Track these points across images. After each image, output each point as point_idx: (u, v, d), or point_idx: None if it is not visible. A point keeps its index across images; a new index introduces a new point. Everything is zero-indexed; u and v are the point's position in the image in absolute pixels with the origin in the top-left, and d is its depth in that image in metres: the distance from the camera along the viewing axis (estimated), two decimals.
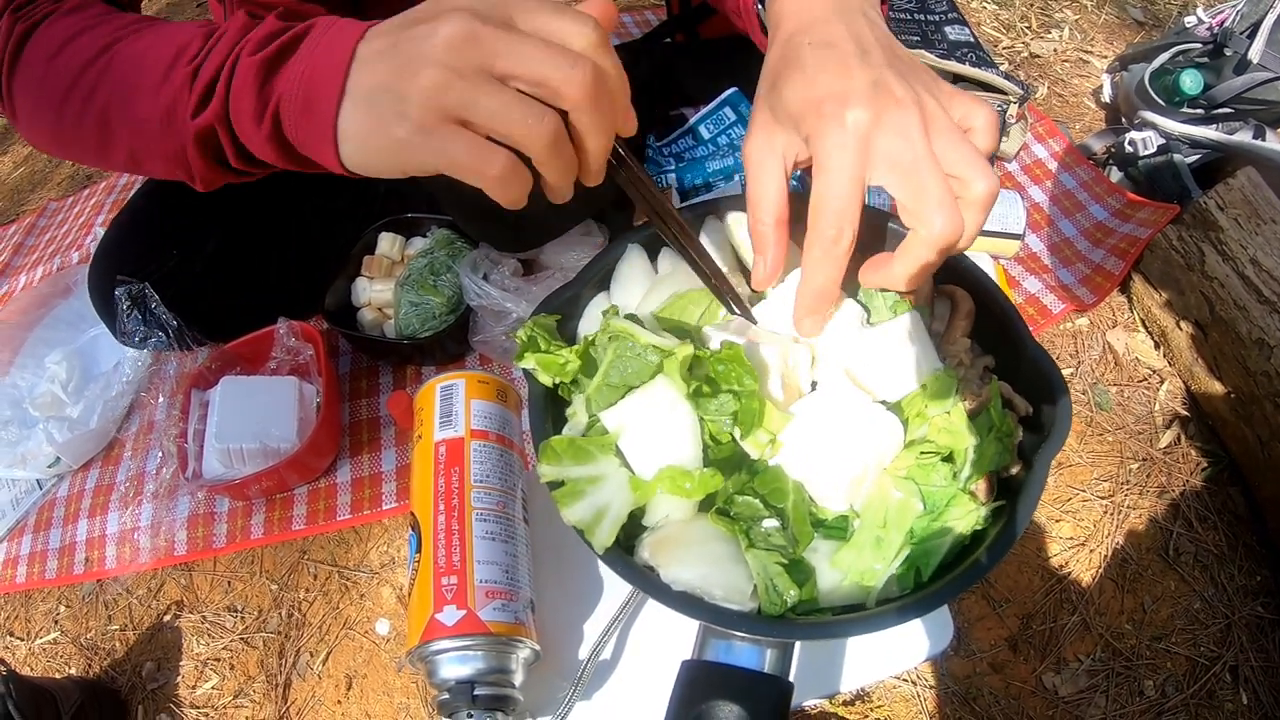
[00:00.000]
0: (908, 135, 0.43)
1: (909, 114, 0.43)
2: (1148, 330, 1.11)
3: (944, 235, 0.43)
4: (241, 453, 0.98)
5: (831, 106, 0.44)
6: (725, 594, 0.44)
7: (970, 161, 0.43)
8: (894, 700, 0.82)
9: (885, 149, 0.43)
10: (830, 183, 0.44)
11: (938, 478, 0.47)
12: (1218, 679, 0.83)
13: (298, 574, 1.00)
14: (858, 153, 0.43)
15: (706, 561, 0.45)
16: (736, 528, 0.45)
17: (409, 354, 1.12)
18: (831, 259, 0.45)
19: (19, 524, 1.14)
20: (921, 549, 0.46)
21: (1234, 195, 1.05)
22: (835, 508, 0.47)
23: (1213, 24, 1.26)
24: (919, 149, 0.42)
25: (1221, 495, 0.95)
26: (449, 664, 0.59)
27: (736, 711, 0.43)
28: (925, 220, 0.43)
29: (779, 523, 0.45)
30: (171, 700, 0.94)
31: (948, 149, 0.43)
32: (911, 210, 0.43)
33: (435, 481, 0.65)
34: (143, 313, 1.05)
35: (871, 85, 0.44)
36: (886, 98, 0.43)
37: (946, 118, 0.44)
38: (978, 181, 0.43)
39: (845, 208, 0.43)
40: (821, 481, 0.46)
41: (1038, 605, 0.88)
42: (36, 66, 0.61)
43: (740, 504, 0.46)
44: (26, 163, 1.97)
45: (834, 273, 0.46)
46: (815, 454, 0.46)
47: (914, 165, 0.42)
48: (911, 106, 0.43)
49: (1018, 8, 1.65)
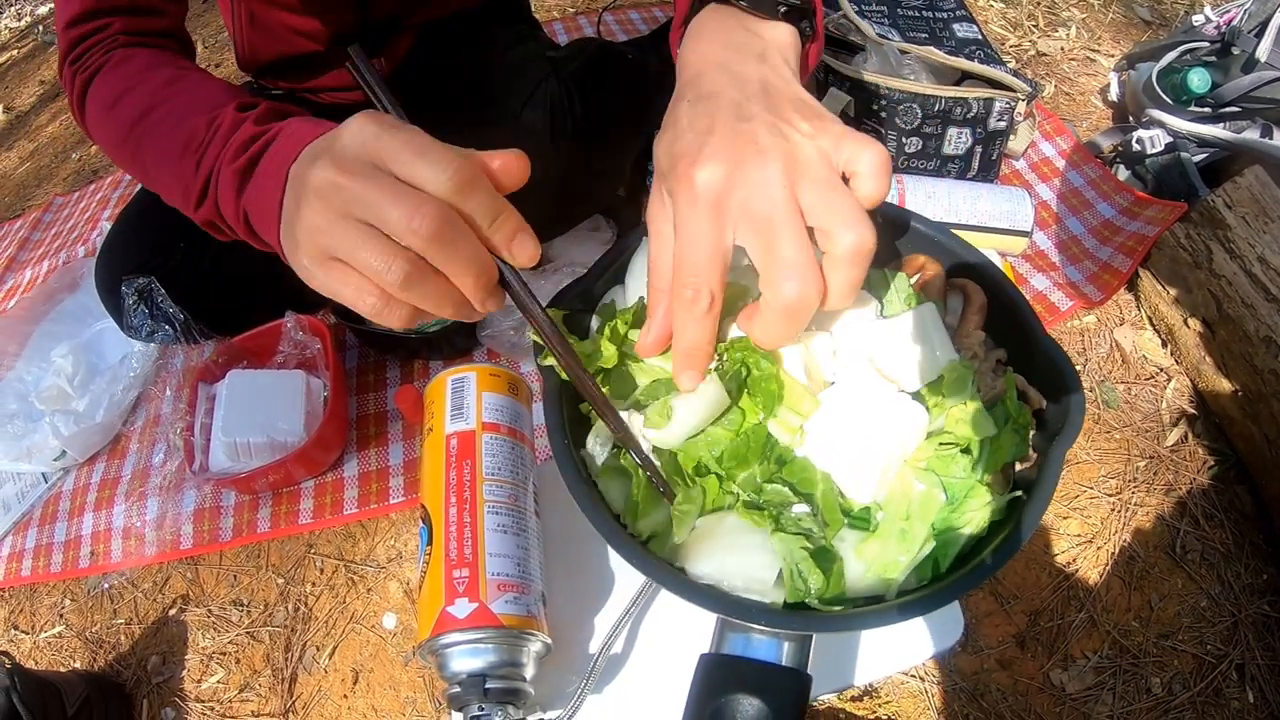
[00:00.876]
0: (766, 189, 0.40)
1: (770, 165, 0.40)
2: (1155, 328, 1.11)
3: (793, 301, 0.40)
4: (248, 446, 0.98)
5: (684, 166, 0.42)
6: (746, 584, 0.44)
7: (838, 212, 0.40)
8: (902, 696, 0.82)
9: (741, 205, 0.41)
10: (684, 246, 0.42)
11: (957, 469, 0.47)
12: (1224, 677, 0.83)
13: (304, 568, 1.00)
14: (710, 212, 0.41)
15: (729, 552, 0.45)
16: (765, 515, 0.45)
17: (416, 348, 1.12)
18: (693, 320, 0.43)
19: (24, 517, 1.14)
20: (941, 541, 0.46)
21: (1242, 193, 1.05)
22: (862, 499, 0.47)
23: (1220, 23, 1.26)
24: (778, 203, 0.40)
25: (1228, 493, 0.95)
26: (460, 657, 0.59)
27: (757, 705, 0.43)
28: (772, 285, 0.40)
29: (809, 508, 0.45)
30: (177, 694, 0.94)
31: (814, 198, 0.40)
32: (762, 272, 0.41)
33: (447, 474, 0.64)
34: (149, 307, 1.05)
35: (732, 136, 0.42)
36: (747, 148, 0.41)
37: (822, 164, 0.41)
38: (844, 234, 0.39)
39: (701, 270, 0.42)
40: (849, 472, 0.46)
41: (1045, 602, 0.88)
42: (97, 114, 0.74)
43: (769, 492, 0.46)
44: (32, 158, 1.97)
45: (699, 333, 0.44)
46: (843, 444, 0.46)
47: (768, 222, 0.40)
48: (774, 157, 0.41)
49: (1024, 6, 1.65)
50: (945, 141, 1.15)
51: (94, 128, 0.75)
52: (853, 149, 0.42)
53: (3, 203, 1.86)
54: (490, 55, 1.10)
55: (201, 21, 2.27)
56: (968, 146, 1.16)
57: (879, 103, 1.13)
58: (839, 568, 0.46)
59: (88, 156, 1.88)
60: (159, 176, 0.67)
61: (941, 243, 0.59)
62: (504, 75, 1.07)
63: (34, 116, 2.16)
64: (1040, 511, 0.45)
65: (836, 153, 0.42)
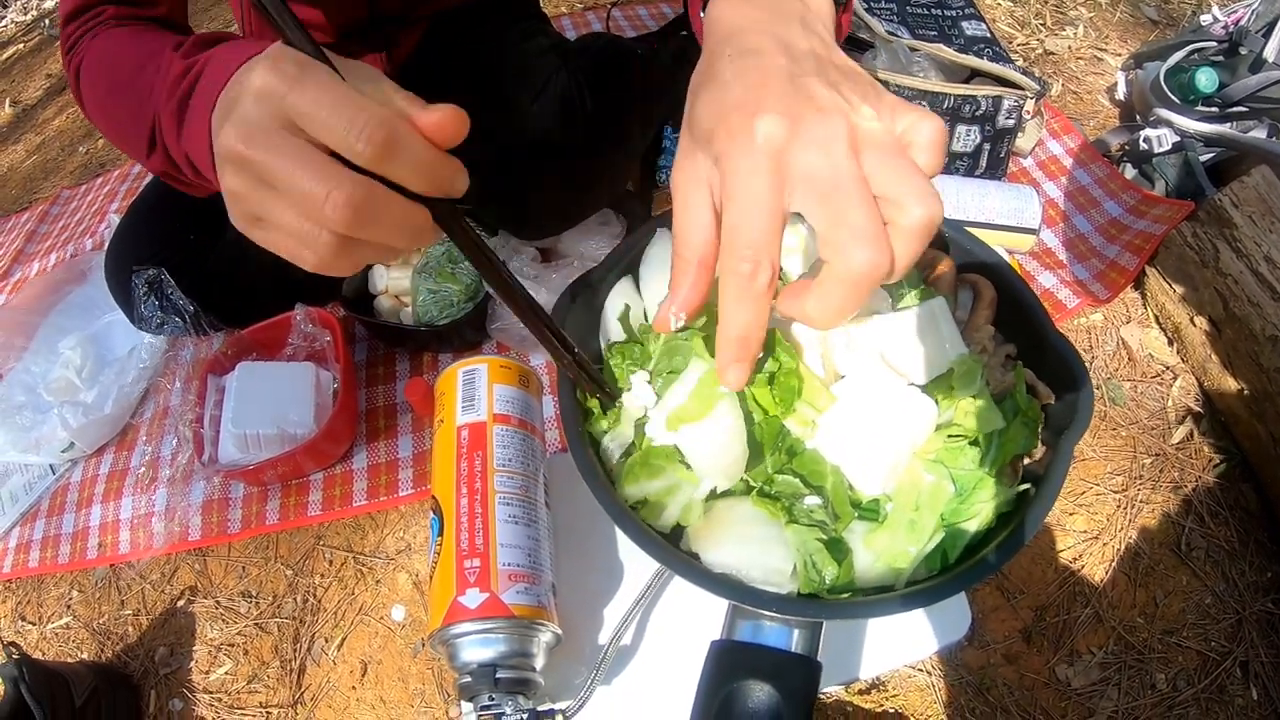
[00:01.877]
0: (830, 149, 0.36)
1: (833, 123, 0.37)
2: (1161, 326, 1.11)
3: (863, 272, 0.36)
4: (258, 438, 0.98)
5: (739, 119, 0.38)
6: (764, 575, 0.45)
7: (906, 181, 0.36)
8: (909, 690, 0.82)
9: (802, 166, 0.37)
10: (740, 211, 0.38)
11: (965, 461, 0.48)
12: (1228, 674, 0.84)
13: (313, 560, 1.00)
14: (771, 173, 0.37)
15: (747, 544, 0.45)
16: (778, 506, 0.45)
17: (426, 341, 1.12)
18: (750, 299, 0.38)
19: (32, 509, 1.15)
20: (950, 532, 0.47)
21: (1249, 193, 1.05)
22: (871, 491, 0.47)
23: (1228, 22, 1.26)
24: (842, 166, 0.36)
25: (1234, 491, 0.95)
26: (471, 647, 0.60)
27: (768, 690, 0.43)
28: (841, 253, 0.36)
29: (820, 500, 0.46)
30: (185, 685, 0.95)
31: (879, 166, 0.37)
32: (827, 240, 0.36)
33: (458, 465, 0.65)
34: (159, 298, 1.05)
35: (790, 91, 0.38)
36: (806, 104, 0.37)
37: (883, 130, 0.38)
38: (914, 206, 0.36)
39: (760, 239, 0.37)
40: (859, 464, 0.46)
41: (1051, 597, 0.88)
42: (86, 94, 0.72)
43: (781, 483, 0.46)
44: (39, 151, 1.98)
45: (754, 315, 0.39)
46: (853, 437, 0.47)
47: (834, 186, 0.36)
48: (837, 114, 0.37)
49: (1032, 4, 1.65)
50: (954, 139, 1.15)
51: (88, 110, 0.73)
52: (911, 120, 0.39)
53: (10, 196, 1.86)
54: (500, 49, 1.10)
55: (209, 15, 2.28)
56: (976, 144, 1.16)
57: None
58: (850, 559, 0.46)
59: (95, 150, 1.89)
60: (129, 137, 0.64)
61: (953, 238, 0.59)
62: (514, 69, 1.07)
63: (41, 110, 2.16)
64: (1048, 505, 0.46)
65: (894, 122, 0.39)
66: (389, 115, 0.37)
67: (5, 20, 2.77)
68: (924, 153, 0.39)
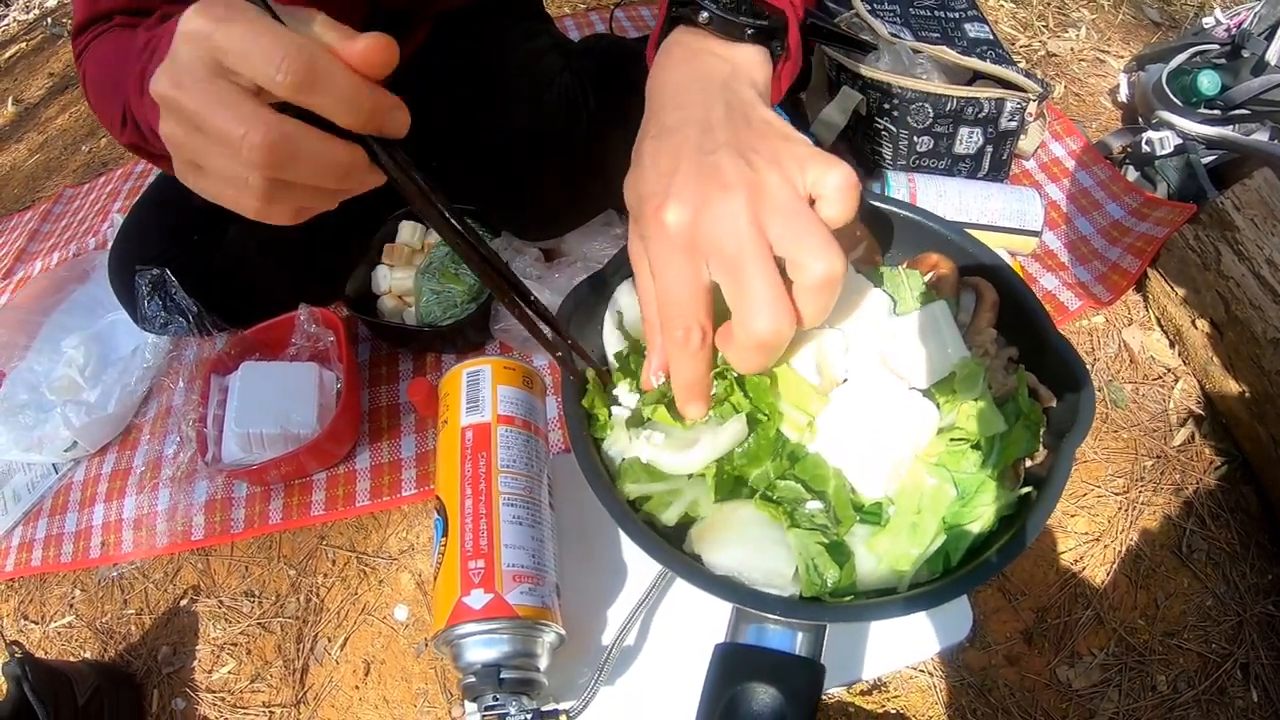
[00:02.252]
0: (733, 224, 0.40)
1: (734, 200, 0.40)
2: (1163, 329, 1.11)
3: (764, 337, 0.40)
4: (261, 438, 0.98)
5: (652, 209, 0.42)
6: (766, 578, 0.45)
7: (804, 240, 0.40)
8: (910, 690, 0.83)
9: (710, 243, 0.41)
10: (664, 287, 0.43)
11: (967, 464, 0.48)
12: (1229, 676, 0.84)
13: (316, 559, 1.01)
14: (684, 253, 0.41)
15: (748, 546, 0.46)
16: (780, 510, 0.46)
17: (429, 342, 1.12)
18: (688, 356, 0.44)
19: (34, 508, 1.15)
20: (952, 535, 0.47)
21: (1251, 196, 1.05)
22: (873, 494, 0.47)
23: (1230, 25, 1.26)
24: (744, 239, 0.40)
25: (1235, 494, 0.96)
26: (475, 647, 0.60)
27: (772, 693, 0.44)
28: (744, 321, 0.41)
29: (821, 504, 0.46)
30: (187, 684, 0.95)
31: (781, 229, 0.40)
32: (734, 309, 0.41)
33: (462, 466, 0.65)
34: (163, 298, 1.06)
35: (697, 174, 0.42)
36: (711, 184, 0.41)
37: (786, 191, 0.41)
38: (813, 263, 0.39)
39: (687, 308, 0.42)
40: (860, 468, 0.47)
41: (1052, 599, 0.88)
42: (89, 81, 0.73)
43: (783, 488, 0.46)
44: (42, 150, 1.98)
45: (696, 367, 0.45)
46: (853, 440, 0.47)
47: (735, 259, 0.40)
48: (739, 189, 0.40)
49: (1035, 6, 1.65)
50: (957, 141, 1.15)
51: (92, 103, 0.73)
52: (818, 171, 0.42)
53: (12, 194, 1.86)
54: (503, 49, 1.10)
55: None
56: (979, 146, 1.16)
57: (891, 101, 1.14)
58: (851, 562, 0.46)
59: (97, 149, 1.89)
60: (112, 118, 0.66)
61: (955, 241, 0.59)
62: (517, 69, 1.07)
63: (43, 109, 2.16)
64: (1050, 507, 0.46)
65: (803, 175, 0.42)
66: (308, 45, 0.36)
67: (8, 19, 2.77)
68: (832, 205, 0.42)
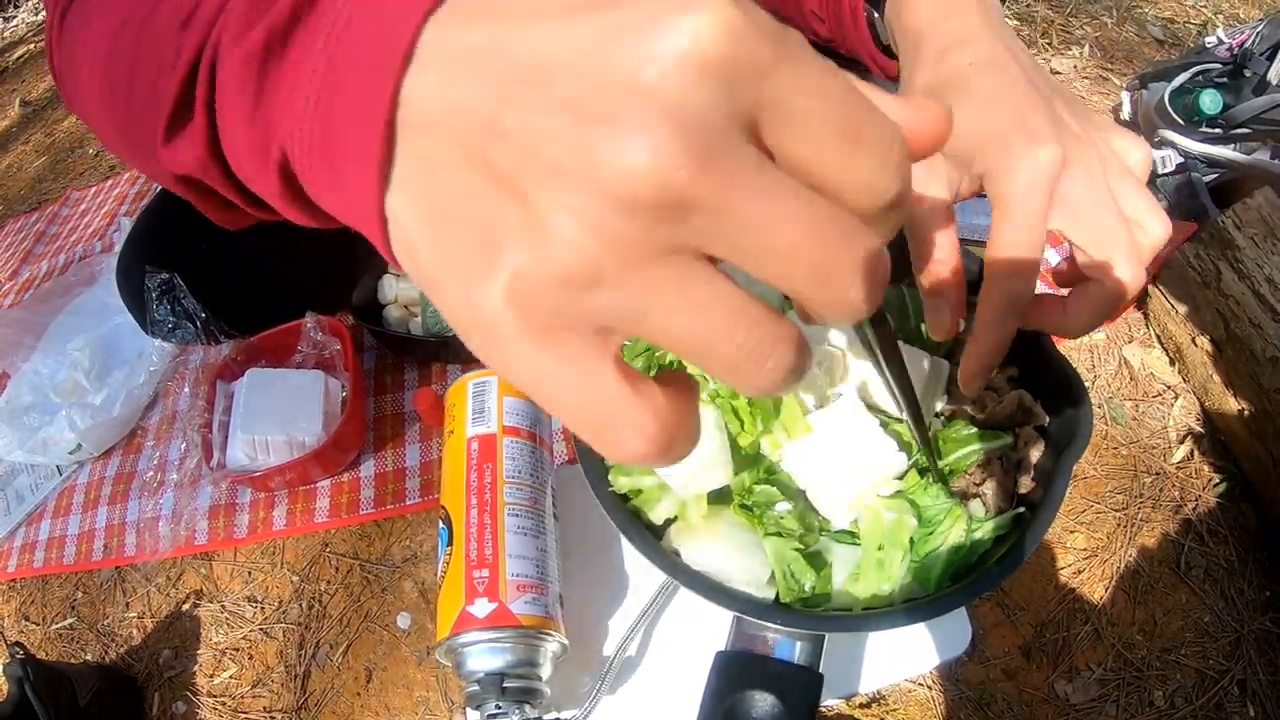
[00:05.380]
0: (1091, 177, 0.40)
1: (1090, 153, 0.40)
2: (1163, 346, 1.12)
3: (1132, 286, 0.40)
4: (266, 444, 0.99)
5: (1021, 144, 0.40)
6: (743, 577, 0.46)
7: (1143, 202, 0.41)
8: (909, 704, 0.83)
9: (1069, 191, 0.40)
10: (1019, 228, 0.40)
11: (934, 493, 0.49)
12: (1226, 692, 0.84)
13: (319, 566, 1.01)
14: (1048, 195, 0.40)
15: (726, 546, 0.47)
16: (754, 517, 0.47)
17: (435, 351, 1.13)
18: (1014, 314, 0.41)
19: (37, 509, 1.15)
20: (921, 562, 0.48)
21: (1251, 214, 1.06)
22: (839, 523, 0.49)
23: (1233, 45, 1.27)
24: (1101, 192, 0.40)
25: (1233, 511, 0.96)
26: (479, 656, 0.60)
27: (771, 700, 0.44)
28: (1113, 271, 0.40)
29: (790, 506, 0.47)
30: (189, 688, 0.95)
31: (1124, 191, 0.41)
32: (1096, 260, 0.40)
33: (468, 476, 0.66)
34: (171, 304, 1.06)
35: (1050, 118, 0.41)
36: (1068, 135, 0.41)
37: (1117, 157, 0.42)
38: (1154, 226, 0.41)
39: (1033, 256, 0.40)
40: (825, 495, 0.48)
41: (1051, 614, 0.89)
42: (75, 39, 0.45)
43: (758, 493, 0.48)
44: (49, 152, 1.99)
45: (1013, 331, 0.42)
46: (820, 468, 0.48)
47: (1097, 210, 0.40)
48: (1090, 145, 0.41)
49: (1038, 24, 1.67)
50: None
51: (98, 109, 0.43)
52: (1124, 142, 0.43)
53: (19, 196, 1.87)
54: None
55: None
56: None
57: None
58: (828, 570, 0.48)
59: (105, 152, 1.89)
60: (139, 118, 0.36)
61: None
62: None
63: (50, 110, 2.17)
64: (1049, 522, 0.47)
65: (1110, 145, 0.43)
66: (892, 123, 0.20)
67: (15, 20, 2.78)
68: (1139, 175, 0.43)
